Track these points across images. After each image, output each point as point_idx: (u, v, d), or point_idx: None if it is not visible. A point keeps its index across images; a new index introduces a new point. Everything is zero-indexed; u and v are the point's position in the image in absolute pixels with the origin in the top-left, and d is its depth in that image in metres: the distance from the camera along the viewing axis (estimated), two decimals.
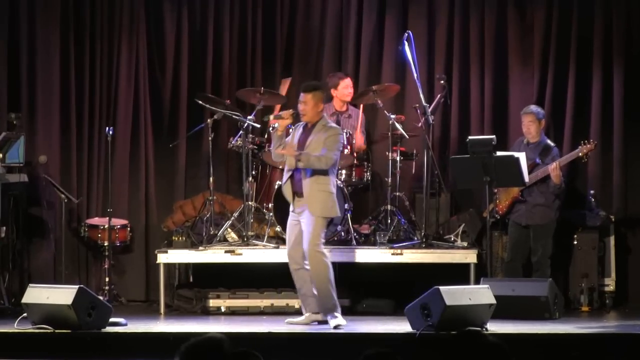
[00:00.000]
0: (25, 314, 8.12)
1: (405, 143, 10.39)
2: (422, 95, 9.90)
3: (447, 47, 10.82)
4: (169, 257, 9.77)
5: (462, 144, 10.05)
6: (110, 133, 9.96)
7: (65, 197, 10.18)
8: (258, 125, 9.88)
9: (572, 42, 10.57)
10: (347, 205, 9.72)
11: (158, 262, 9.73)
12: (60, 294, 7.99)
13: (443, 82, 10.23)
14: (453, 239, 10.09)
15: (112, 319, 8.14)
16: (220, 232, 9.90)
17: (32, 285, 8.37)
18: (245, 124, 9.70)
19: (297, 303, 9.10)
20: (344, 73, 10.55)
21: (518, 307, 8.75)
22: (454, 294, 7.87)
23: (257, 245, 9.70)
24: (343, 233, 9.85)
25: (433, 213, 10.23)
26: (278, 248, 9.54)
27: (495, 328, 8.01)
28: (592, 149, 9.78)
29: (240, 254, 9.61)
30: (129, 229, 10.42)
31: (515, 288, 8.95)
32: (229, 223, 9.94)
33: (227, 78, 10.91)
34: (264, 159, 10.06)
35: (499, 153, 9.25)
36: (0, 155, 9.85)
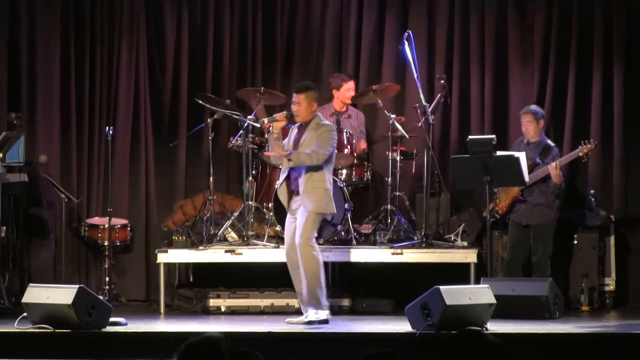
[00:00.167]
0: (26, 314, 8.11)
1: (406, 143, 10.39)
2: (422, 95, 9.90)
3: (447, 47, 10.81)
4: (169, 256, 9.77)
5: (462, 144, 10.06)
6: (111, 133, 9.96)
7: (66, 196, 10.18)
8: (258, 125, 9.88)
9: (572, 42, 10.57)
10: (347, 205, 9.72)
11: (158, 261, 9.73)
12: (61, 294, 7.98)
13: (443, 82, 10.24)
14: (453, 239, 10.09)
15: (112, 319, 8.13)
16: (221, 231, 9.90)
17: (32, 285, 8.36)
18: (246, 124, 9.70)
19: (297, 303, 9.09)
20: (348, 75, 10.52)
21: (518, 306, 8.75)
22: (454, 294, 7.86)
23: (257, 245, 9.70)
24: (343, 233, 9.84)
25: (433, 213, 10.23)
26: (278, 248, 9.53)
27: (496, 328, 7.99)
28: (592, 149, 9.78)
29: (241, 254, 9.62)
30: (129, 229, 10.42)
31: (516, 288, 8.95)
32: (229, 223, 9.94)
33: (227, 78, 10.91)
34: (264, 159, 10.06)
35: (499, 153, 9.24)
36: (1, 155, 9.84)
